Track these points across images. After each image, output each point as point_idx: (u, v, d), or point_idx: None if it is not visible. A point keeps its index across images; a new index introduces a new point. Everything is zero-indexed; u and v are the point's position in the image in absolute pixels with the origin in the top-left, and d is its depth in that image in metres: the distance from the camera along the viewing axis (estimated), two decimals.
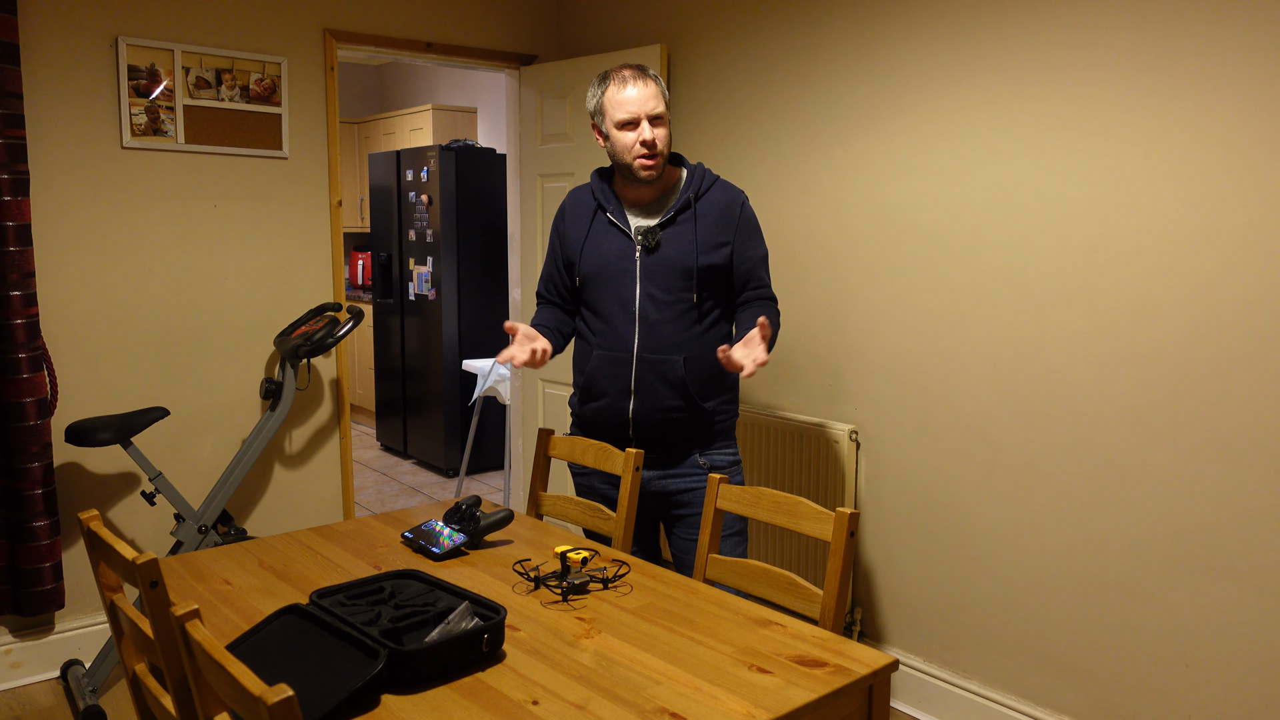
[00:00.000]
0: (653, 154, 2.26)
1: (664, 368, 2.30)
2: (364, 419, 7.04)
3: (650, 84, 2.27)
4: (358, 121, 7.18)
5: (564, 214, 2.47)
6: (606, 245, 2.36)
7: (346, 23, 3.53)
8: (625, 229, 2.34)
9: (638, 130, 2.25)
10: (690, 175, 2.37)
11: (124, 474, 3.21)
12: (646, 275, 2.31)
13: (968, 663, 2.79)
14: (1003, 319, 2.63)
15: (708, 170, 2.39)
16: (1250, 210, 2.16)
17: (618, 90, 2.26)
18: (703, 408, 2.33)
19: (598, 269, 2.36)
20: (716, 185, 2.37)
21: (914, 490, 2.88)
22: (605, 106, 2.29)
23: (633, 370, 2.32)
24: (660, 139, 2.26)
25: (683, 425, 2.34)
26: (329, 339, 3.22)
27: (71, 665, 3.02)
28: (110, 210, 3.10)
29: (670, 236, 2.31)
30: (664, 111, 2.28)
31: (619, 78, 2.27)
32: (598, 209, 2.39)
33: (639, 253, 2.32)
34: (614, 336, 2.34)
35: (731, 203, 2.35)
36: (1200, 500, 2.28)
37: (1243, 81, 2.15)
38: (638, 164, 2.28)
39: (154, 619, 1.45)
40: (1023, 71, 2.53)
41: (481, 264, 5.72)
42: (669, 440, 2.35)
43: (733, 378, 2.41)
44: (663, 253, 2.30)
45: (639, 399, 2.33)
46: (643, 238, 2.31)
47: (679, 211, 2.32)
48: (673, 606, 1.81)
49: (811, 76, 3.06)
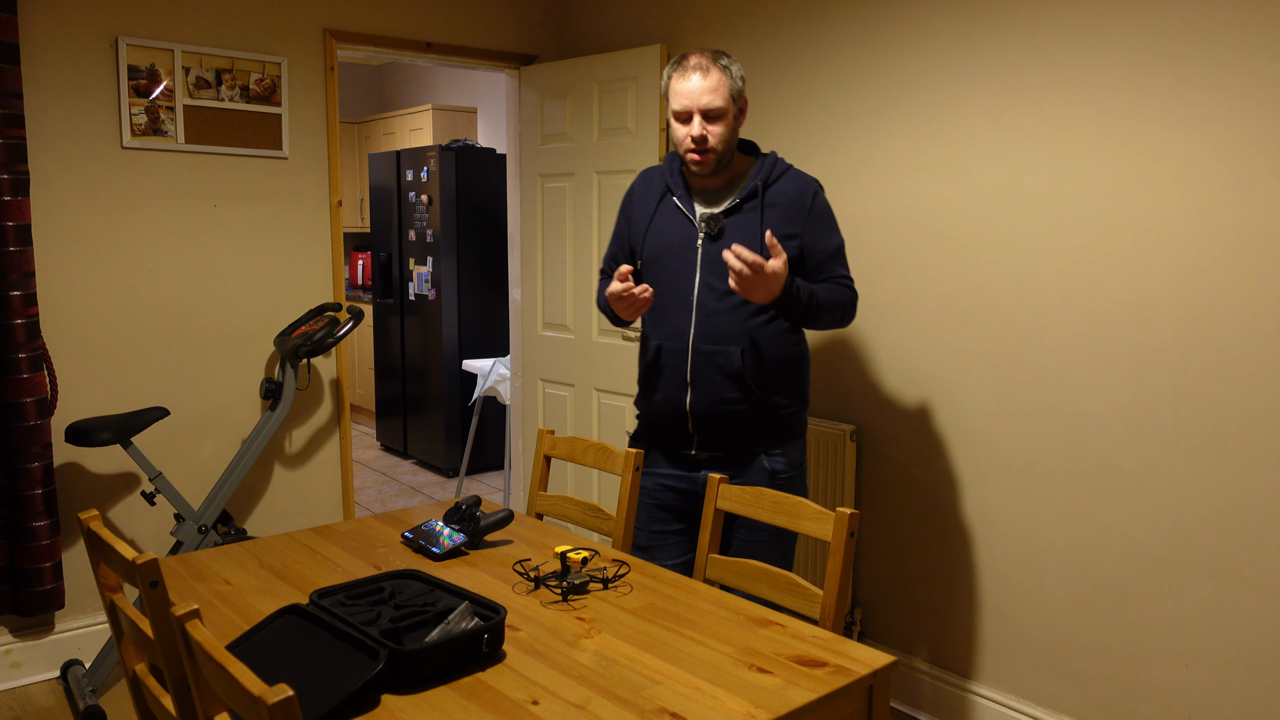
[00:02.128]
0: (701, 150, 2.20)
1: (721, 359, 2.23)
2: (364, 419, 7.04)
3: (712, 75, 2.16)
4: (358, 121, 7.18)
5: (632, 195, 2.42)
6: (670, 230, 2.30)
7: (346, 23, 3.53)
8: (690, 215, 2.29)
9: (689, 124, 2.19)
10: (760, 163, 2.29)
11: (124, 474, 3.21)
12: (707, 264, 2.25)
13: (968, 663, 2.79)
14: (1003, 319, 2.63)
15: (780, 159, 2.31)
16: (1250, 210, 2.16)
17: (679, 79, 2.19)
18: (765, 402, 2.25)
19: (659, 254, 2.31)
20: (788, 175, 2.28)
21: (914, 490, 2.88)
22: (667, 92, 2.23)
23: (689, 361, 2.25)
24: (713, 135, 2.17)
25: (743, 419, 2.25)
26: (329, 339, 3.22)
27: (71, 665, 3.02)
28: (110, 210, 3.10)
29: (735, 225, 2.24)
30: (722, 105, 2.17)
31: (684, 65, 2.19)
32: (666, 192, 2.34)
33: (701, 240, 2.26)
34: (670, 326, 2.29)
35: (802, 193, 2.26)
36: (1200, 500, 2.28)
37: (1242, 81, 2.15)
38: (688, 158, 2.23)
39: (154, 619, 1.45)
40: (1023, 72, 2.53)
41: (481, 264, 5.72)
42: (729, 435, 2.27)
43: (799, 371, 2.32)
44: (725, 241, 2.21)
45: (696, 391, 2.25)
46: (705, 225, 2.25)
47: (745, 200, 2.25)
48: (673, 606, 1.81)
49: (811, 77, 3.06)
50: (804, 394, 2.36)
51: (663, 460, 2.37)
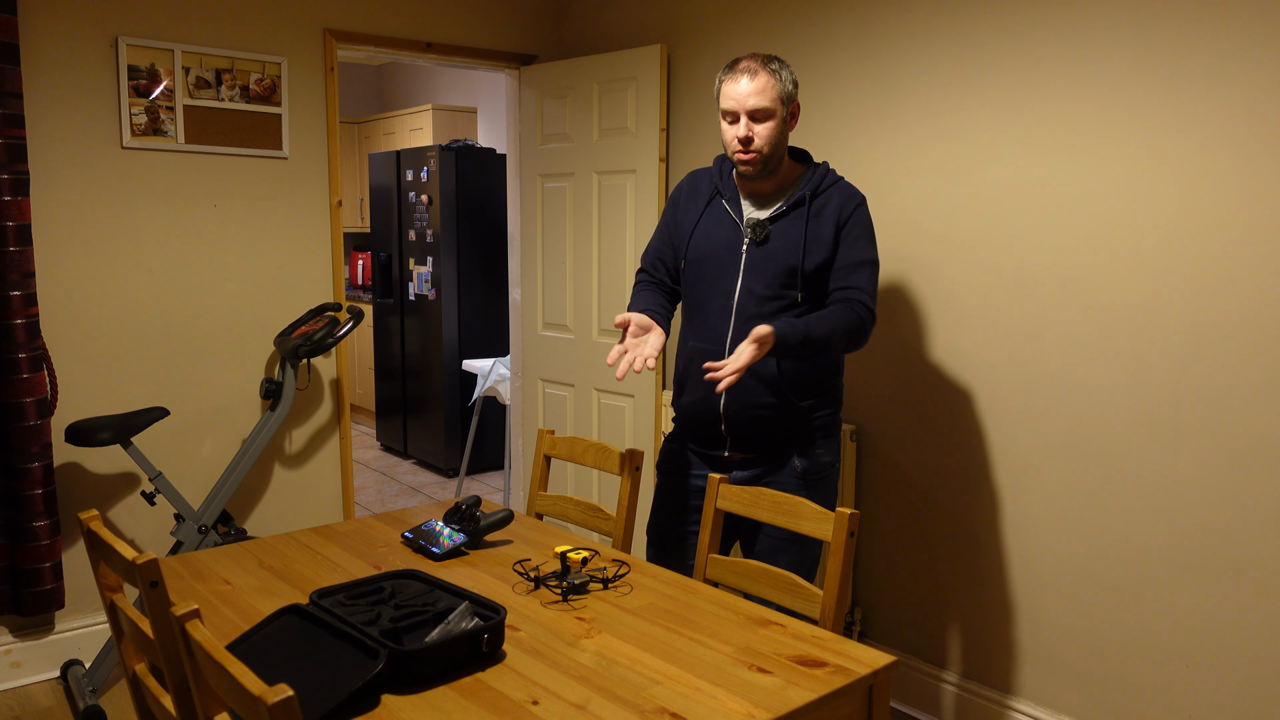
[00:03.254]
0: (748, 150, 2.20)
1: (756, 365, 2.22)
2: (364, 419, 7.04)
3: (761, 78, 2.17)
4: (358, 121, 7.18)
5: (681, 193, 2.43)
6: (716, 232, 2.31)
7: (346, 23, 3.53)
8: (738, 219, 2.29)
9: (737, 125, 2.20)
10: (811, 173, 2.30)
11: (124, 474, 3.21)
12: (750, 268, 2.25)
13: (968, 663, 2.79)
14: (1003, 319, 2.63)
15: (831, 170, 2.31)
16: (1250, 210, 2.16)
17: (729, 81, 2.20)
18: (798, 406, 2.26)
19: (703, 255, 2.32)
20: (836, 186, 2.28)
21: (914, 490, 2.88)
22: (718, 95, 2.24)
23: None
24: (760, 135, 2.18)
25: (776, 423, 2.26)
26: (329, 339, 3.22)
27: (71, 665, 3.02)
28: (110, 210, 3.10)
29: (779, 231, 2.25)
30: (769, 106, 2.17)
31: (736, 68, 2.20)
32: (715, 195, 2.35)
33: (746, 244, 2.27)
34: (708, 329, 2.30)
35: (846, 203, 2.25)
36: (1200, 500, 2.28)
37: (1243, 81, 2.15)
38: (736, 158, 2.23)
39: (154, 619, 1.45)
40: (1023, 72, 2.53)
41: (481, 264, 5.72)
42: (762, 438, 2.28)
43: (833, 380, 2.34)
44: (770, 247, 2.24)
45: (730, 395, 2.25)
46: (751, 230, 2.26)
47: (792, 207, 2.25)
48: (673, 606, 1.81)
49: (811, 77, 3.06)
50: (837, 396, 2.36)
51: (697, 462, 2.38)
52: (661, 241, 2.45)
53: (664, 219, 2.46)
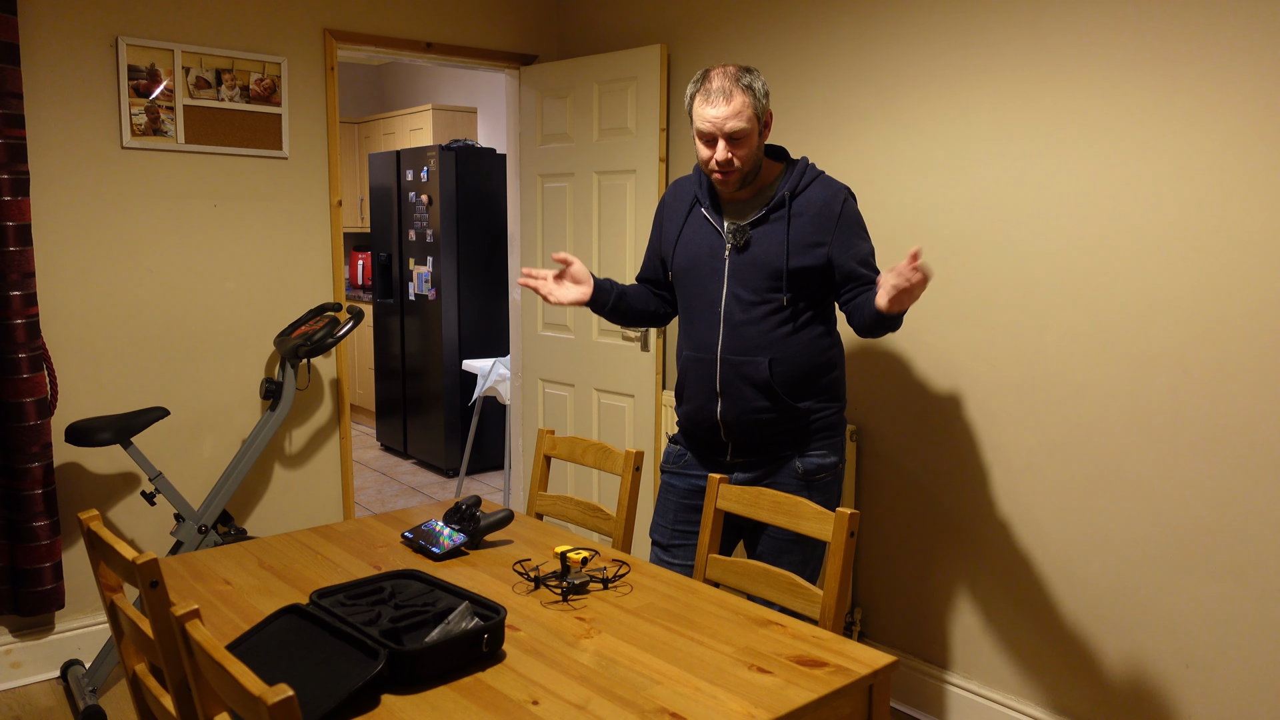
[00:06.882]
0: (728, 171, 2.19)
1: (748, 369, 2.23)
2: (364, 419, 7.04)
3: (736, 99, 2.12)
4: (358, 121, 7.18)
5: (664, 205, 2.44)
6: (698, 241, 2.31)
7: (346, 23, 3.53)
8: (718, 226, 2.29)
9: (714, 148, 2.18)
10: (789, 171, 2.27)
11: (124, 474, 3.21)
12: (734, 275, 2.25)
13: (968, 663, 2.79)
14: (1003, 319, 2.63)
15: (810, 165, 2.28)
16: (1250, 210, 2.16)
17: (702, 103, 2.16)
18: (794, 408, 2.24)
19: (688, 265, 2.32)
20: (816, 182, 2.25)
21: (914, 490, 2.88)
22: (691, 112, 2.21)
23: (717, 372, 2.26)
24: (739, 158, 2.16)
25: (773, 426, 2.25)
26: (329, 339, 3.22)
27: (71, 665, 3.02)
28: (110, 210, 3.10)
29: (761, 235, 2.23)
30: (747, 127, 2.14)
31: (707, 89, 2.15)
32: (695, 203, 2.34)
33: (728, 251, 2.26)
34: (699, 337, 2.30)
35: (830, 200, 2.23)
36: (1200, 500, 2.28)
37: (1243, 81, 2.15)
38: (713, 178, 2.24)
39: (154, 619, 1.45)
40: (1023, 71, 2.53)
41: (481, 264, 5.72)
42: (760, 441, 2.27)
43: (830, 376, 2.31)
44: (751, 252, 2.23)
45: (725, 401, 2.26)
46: (732, 236, 2.25)
47: (772, 210, 2.23)
48: (673, 606, 1.81)
49: (811, 76, 3.06)
50: (837, 394, 2.34)
51: (698, 464, 2.38)
52: (652, 253, 2.48)
53: (653, 230, 2.48)
